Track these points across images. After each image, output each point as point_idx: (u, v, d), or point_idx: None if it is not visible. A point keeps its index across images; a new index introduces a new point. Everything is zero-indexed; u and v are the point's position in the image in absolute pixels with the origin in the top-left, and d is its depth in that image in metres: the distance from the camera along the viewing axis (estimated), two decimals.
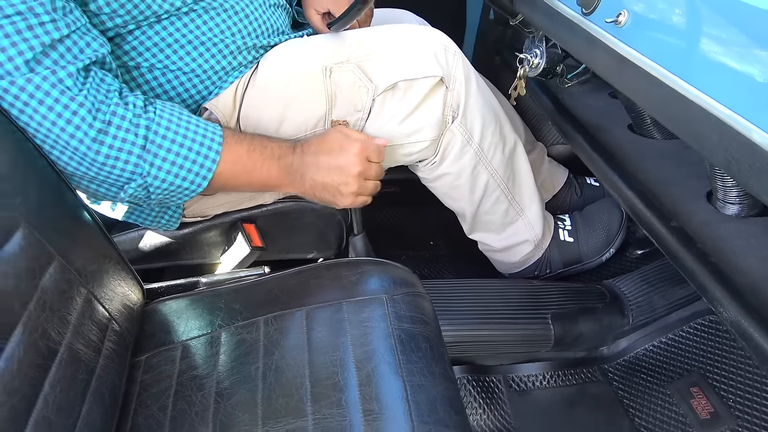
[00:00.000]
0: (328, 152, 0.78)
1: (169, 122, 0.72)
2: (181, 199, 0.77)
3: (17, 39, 0.60)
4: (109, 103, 0.67)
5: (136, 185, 0.71)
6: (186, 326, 0.75)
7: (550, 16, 0.81)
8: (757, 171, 0.48)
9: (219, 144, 0.75)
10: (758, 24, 0.50)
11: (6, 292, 0.54)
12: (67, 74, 0.64)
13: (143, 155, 0.69)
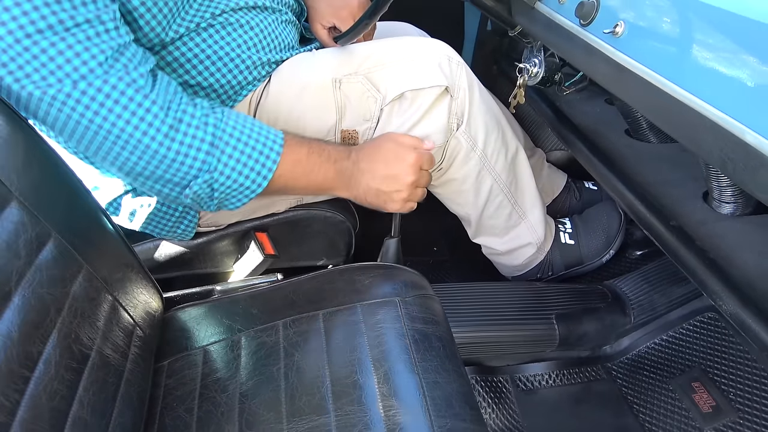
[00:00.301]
0: (385, 161, 0.81)
1: (236, 122, 0.75)
2: (240, 200, 0.78)
3: (89, 44, 0.63)
4: (179, 101, 0.71)
5: (202, 181, 0.73)
6: (206, 332, 0.78)
7: (549, 27, 0.85)
8: (751, 169, 0.51)
9: (280, 145, 0.77)
10: (746, 32, 0.53)
11: (42, 299, 0.57)
12: (139, 74, 0.67)
13: (211, 151, 0.72)
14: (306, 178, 0.81)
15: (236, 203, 0.79)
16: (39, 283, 0.57)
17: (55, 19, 0.62)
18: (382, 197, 0.83)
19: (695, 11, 0.60)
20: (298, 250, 1.03)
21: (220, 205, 0.78)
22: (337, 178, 0.83)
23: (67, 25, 0.63)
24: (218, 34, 0.83)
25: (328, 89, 0.87)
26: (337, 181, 0.83)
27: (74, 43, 0.63)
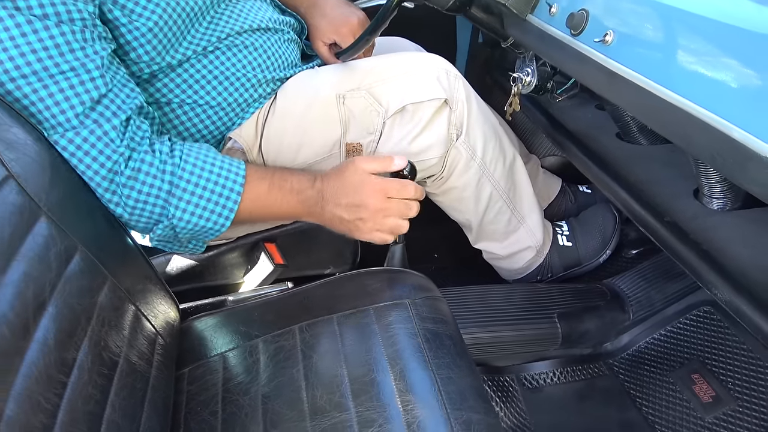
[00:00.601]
0: (347, 189, 0.80)
1: (194, 166, 0.77)
2: (208, 237, 0.81)
3: (70, 94, 0.67)
4: (140, 150, 0.73)
5: (164, 226, 0.76)
6: (223, 339, 0.81)
7: (541, 38, 0.90)
8: (740, 163, 0.55)
9: (241, 185, 0.79)
10: (726, 36, 0.58)
11: (73, 309, 0.59)
12: (111, 127, 0.70)
13: (169, 199, 0.75)
14: (269, 211, 0.82)
15: (204, 239, 0.82)
16: (69, 294, 0.60)
17: (40, 66, 0.65)
18: (346, 225, 0.82)
19: (678, 19, 0.64)
20: (306, 259, 1.06)
21: (188, 243, 0.82)
22: (300, 208, 0.82)
23: (52, 72, 0.66)
24: (224, 55, 0.87)
25: (333, 104, 0.91)
26: (301, 211, 0.83)
27: (56, 92, 0.66)
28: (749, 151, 0.54)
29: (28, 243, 0.58)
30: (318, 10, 1.05)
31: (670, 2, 0.66)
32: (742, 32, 0.56)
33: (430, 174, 1.00)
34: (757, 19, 0.55)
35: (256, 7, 0.93)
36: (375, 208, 0.79)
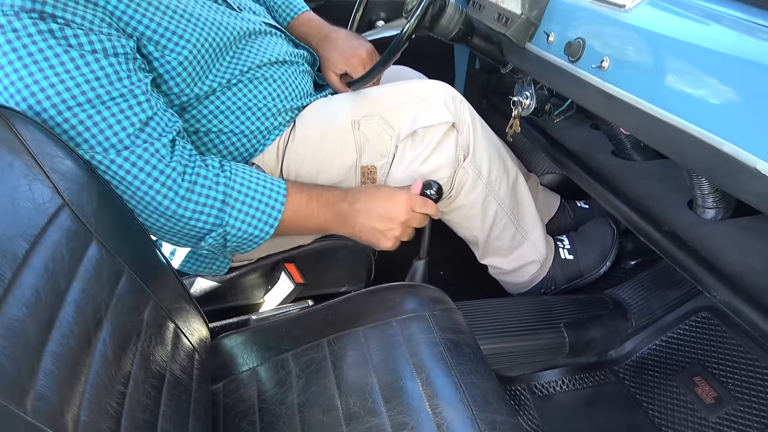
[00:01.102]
0: (380, 202, 0.90)
1: (243, 179, 0.84)
2: (251, 246, 0.87)
3: (122, 117, 0.72)
4: (193, 165, 0.79)
5: (216, 235, 0.81)
6: (254, 354, 0.85)
7: (541, 64, 0.97)
8: (730, 174, 0.62)
9: (284, 196, 0.86)
10: (710, 60, 0.65)
11: (125, 325, 0.64)
12: (161, 144, 0.75)
13: (223, 208, 0.80)
14: (307, 222, 0.90)
15: (247, 249, 0.87)
16: (121, 311, 0.64)
17: (93, 94, 0.71)
18: (376, 235, 0.91)
19: (667, 45, 0.71)
20: (323, 278, 1.11)
21: (233, 251, 0.87)
22: (334, 220, 0.91)
23: (104, 99, 0.71)
24: (246, 87, 0.93)
25: (348, 130, 0.97)
26: (335, 222, 0.91)
27: (108, 116, 0.72)
28: (738, 162, 0.61)
29: (83, 265, 0.62)
30: (329, 43, 1.11)
31: (659, 30, 0.74)
32: (725, 57, 0.63)
33: None
34: (738, 45, 0.62)
35: (273, 42, 1.00)
36: (404, 219, 0.89)
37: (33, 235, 0.57)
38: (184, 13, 0.82)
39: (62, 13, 0.69)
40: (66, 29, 0.69)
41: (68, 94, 0.69)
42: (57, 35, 0.69)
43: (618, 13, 0.81)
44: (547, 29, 0.96)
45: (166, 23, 0.79)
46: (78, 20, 0.70)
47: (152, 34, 0.78)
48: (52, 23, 0.68)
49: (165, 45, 0.80)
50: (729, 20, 0.66)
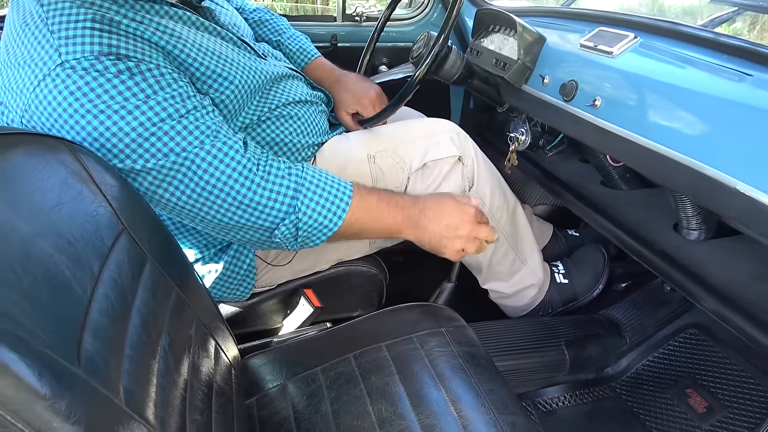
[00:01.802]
0: (449, 211, 0.96)
1: (314, 173, 0.91)
2: (320, 238, 0.91)
3: (199, 123, 0.80)
4: (266, 158, 0.86)
5: (288, 222, 0.87)
6: (283, 371, 0.90)
7: (537, 104, 1.08)
8: (713, 194, 0.71)
9: (351, 189, 0.92)
10: (689, 97, 0.75)
11: (180, 338, 0.70)
12: (236, 140, 0.83)
13: (296, 195, 0.87)
14: (378, 222, 0.96)
15: (316, 241, 0.92)
16: (175, 326, 0.71)
17: (173, 109, 0.78)
18: (443, 242, 0.97)
19: (650, 86, 0.82)
20: (338, 303, 1.17)
21: (302, 243, 0.92)
22: (405, 223, 0.97)
23: (181, 113, 0.79)
24: (274, 124, 1.02)
25: (365, 163, 1.06)
26: (405, 225, 0.97)
27: (187, 124, 0.79)
28: (720, 184, 0.70)
29: (142, 282, 0.69)
30: (341, 85, 1.22)
31: (643, 73, 0.85)
32: (700, 94, 0.74)
33: None
34: (709, 84, 0.74)
35: (295, 84, 1.09)
36: (469, 229, 0.96)
37: (103, 255, 0.64)
38: (227, 58, 0.91)
39: (134, 54, 0.77)
40: (141, 65, 0.77)
41: (153, 112, 0.76)
42: (134, 71, 0.76)
43: (606, 58, 0.93)
44: (542, 72, 1.07)
45: (213, 66, 0.88)
46: (147, 59, 0.78)
47: (200, 75, 0.86)
48: (128, 62, 0.76)
49: (211, 84, 0.89)
50: (701, 63, 0.77)
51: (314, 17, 2.69)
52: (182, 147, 0.79)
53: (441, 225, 0.96)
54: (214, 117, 0.83)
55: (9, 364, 0.40)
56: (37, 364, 0.41)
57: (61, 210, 0.62)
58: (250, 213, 0.85)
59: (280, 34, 1.31)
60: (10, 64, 0.81)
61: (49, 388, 0.41)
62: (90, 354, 0.51)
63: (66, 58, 0.74)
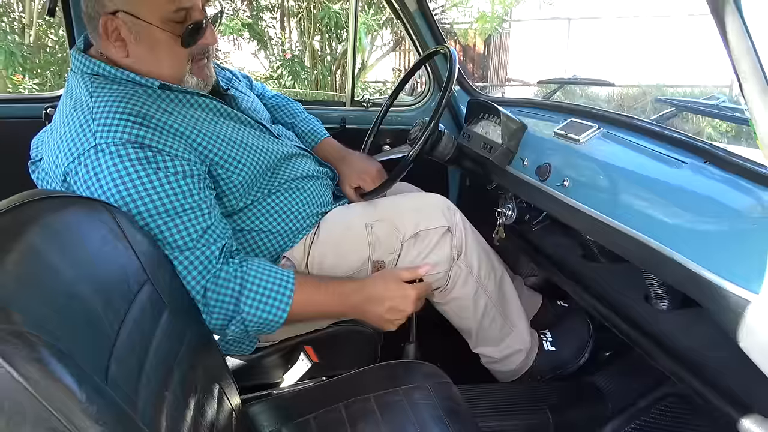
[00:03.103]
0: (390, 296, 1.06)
1: (256, 272, 1.01)
2: (271, 329, 1.03)
3: (189, 225, 0.94)
4: (220, 263, 0.98)
5: (236, 322, 0.98)
6: (279, 419, 0.98)
7: (518, 183, 1.21)
8: (657, 263, 0.82)
9: (293, 284, 1.03)
10: (639, 181, 0.87)
11: (190, 379, 0.80)
12: (214, 249, 0.97)
13: (240, 297, 0.98)
14: (320, 309, 1.08)
15: (268, 331, 1.03)
16: (185, 368, 0.81)
17: (170, 206, 0.93)
18: (385, 323, 1.09)
19: (609, 170, 0.95)
20: (335, 360, 1.25)
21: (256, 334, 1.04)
22: (346, 310, 1.08)
23: (178, 211, 0.94)
24: (282, 196, 1.16)
25: (363, 231, 1.18)
26: (347, 311, 1.09)
27: (179, 223, 0.94)
28: (660, 254, 0.81)
29: (160, 326, 0.80)
30: (346, 162, 1.37)
31: (603, 158, 0.98)
32: (648, 178, 0.86)
33: (437, 286, 1.25)
34: (656, 169, 0.86)
35: (303, 161, 1.24)
36: (410, 310, 1.07)
37: (129, 300, 0.76)
38: (244, 144, 1.08)
39: (156, 144, 0.93)
40: (158, 156, 0.93)
41: (153, 205, 0.92)
42: (150, 161, 0.92)
43: (574, 144, 1.07)
44: (523, 155, 1.22)
45: (230, 151, 1.04)
46: (167, 149, 0.94)
47: (220, 161, 1.02)
48: (148, 151, 0.92)
49: (228, 168, 1.04)
50: (649, 152, 0.90)
51: (326, 102, 2.93)
52: (168, 241, 0.94)
53: (383, 308, 1.06)
54: (205, 220, 0.97)
55: (57, 373, 0.50)
56: (76, 376, 0.52)
57: (98, 260, 0.74)
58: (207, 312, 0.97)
59: (294, 117, 1.48)
60: (55, 138, 0.99)
61: (84, 395, 0.51)
62: (114, 377, 0.61)
63: (99, 141, 0.91)
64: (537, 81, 7.88)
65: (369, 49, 6.32)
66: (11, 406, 0.48)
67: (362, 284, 1.08)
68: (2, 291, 0.55)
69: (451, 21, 6.95)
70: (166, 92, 1.05)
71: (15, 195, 0.70)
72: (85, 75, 1.03)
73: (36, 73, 5.09)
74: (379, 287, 1.07)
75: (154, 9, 0.99)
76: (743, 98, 0.53)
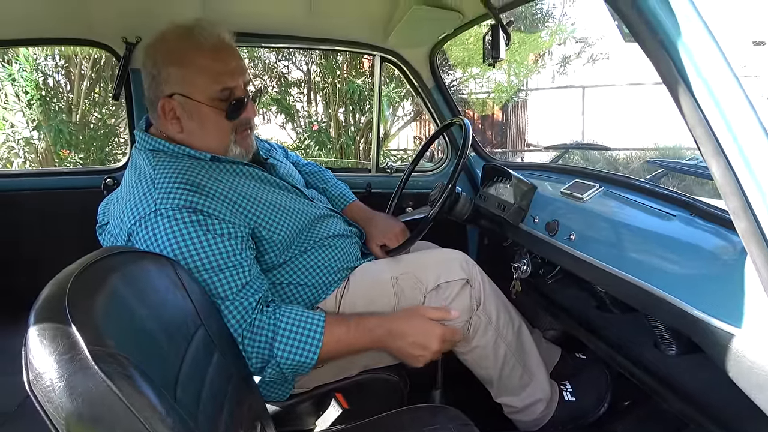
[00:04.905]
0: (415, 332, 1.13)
1: (288, 318, 1.12)
2: (304, 370, 1.12)
3: (231, 280, 1.07)
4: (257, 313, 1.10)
5: (272, 365, 1.09)
6: None
7: (531, 239, 1.32)
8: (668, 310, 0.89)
9: (322, 327, 1.13)
10: (635, 233, 0.98)
11: (236, 414, 0.90)
12: (252, 300, 1.09)
13: (273, 343, 1.08)
14: (349, 348, 1.16)
15: (303, 371, 1.12)
16: (233, 402, 0.91)
17: (216, 263, 1.07)
18: (408, 358, 1.15)
19: (607, 223, 1.06)
20: (364, 407, 1.33)
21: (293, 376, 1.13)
22: (372, 344, 1.16)
23: (222, 268, 1.07)
24: (316, 252, 1.29)
25: (389, 284, 1.29)
26: (373, 345, 1.16)
27: (222, 278, 1.07)
28: (658, 299, 0.90)
29: (212, 366, 0.91)
30: (372, 223, 1.50)
31: (604, 214, 1.09)
32: (644, 230, 0.97)
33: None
34: (650, 222, 0.96)
35: (334, 222, 1.38)
36: (436, 349, 1.14)
37: (188, 340, 0.88)
38: (283, 207, 1.23)
39: (207, 209, 1.08)
40: (207, 219, 1.08)
41: (201, 262, 1.06)
42: (202, 223, 1.07)
43: (579, 203, 1.18)
44: (534, 213, 1.33)
45: (272, 215, 1.19)
46: (216, 213, 1.09)
47: (262, 222, 1.17)
48: (200, 215, 1.07)
49: (269, 228, 1.19)
50: (642, 206, 1.01)
51: (353, 169, 3.13)
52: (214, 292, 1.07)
53: (406, 342, 1.14)
54: (245, 275, 1.09)
55: (143, 388, 0.62)
56: (156, 392, 0.63)
57: (165, 304, 0.87)
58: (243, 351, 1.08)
59: (326, 183, 1.64)
60: (121, 204, 1.15)
61: (163, 409, 0.62)
62: (180, 398, 0.72)
63: (159, 206, 1.07)
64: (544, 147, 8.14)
65: (391, 119, 6.64)
66: (109, 416, 0.59)
67: (386, 319, 1.17)
68: (96, 321, 0.67)
69: (469, 91, 7.28)
70: (216, 163, 1.21)
71: (96, 251, 0.84)
72: (147, 151, 1.20)
73: (81, 149, 5.46)
74: (402, 322, 1.16)
75: (203, 90, 1.18)
76: (702, 158, 0.64)
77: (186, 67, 1.16)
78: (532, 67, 7.20)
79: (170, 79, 1.17)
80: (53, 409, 0.58)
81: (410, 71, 1.93)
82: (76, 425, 0.58)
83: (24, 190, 1.83)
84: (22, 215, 1.82)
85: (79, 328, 0.62)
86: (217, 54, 1.18)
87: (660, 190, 1.02)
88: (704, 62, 0.62)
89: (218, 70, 1.18)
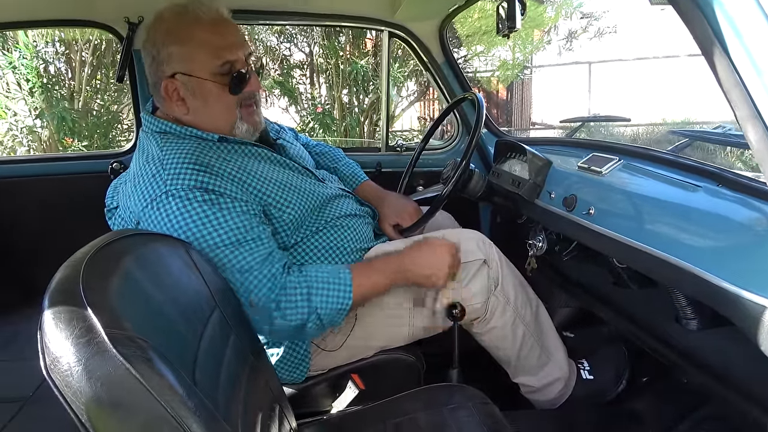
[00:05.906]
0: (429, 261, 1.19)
1: (316, 273, 1.12)
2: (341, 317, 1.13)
3: (254, 251, 1.05)
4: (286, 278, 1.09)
5: (313, 318, 1.08)
6: None
7: (547, 215, 1.29)
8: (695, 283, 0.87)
9: (348, 271, 1.14)
10: (659, 205, 0.95)
11: (254, 393, 0.88)
12: (277, 268, 1.07)
13: (310, 297, 1.08)
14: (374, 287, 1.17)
15: (340, 320, 1.13)
16: (251, 382, 0.90)
17: (234, 238, 1.05)
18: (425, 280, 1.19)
19: (631, 197, 1.03)
20: (380, 387, 1.32)
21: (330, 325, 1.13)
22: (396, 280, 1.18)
23: (240, 241, 1.06)
24: (328, 233, 1.27)
25: None
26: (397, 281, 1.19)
27: (245, 252, 1.06)
28: (682, 270, 0.88)
29: (229, 347, 0.89)
30: (385, 202, 1.48)
31: (625, 187, 1.06)
32: (667, 203, 0.94)
33: (476, 316, 1.32)
34: (673, 194, 0.94)
35: (346, 202, 1.36)
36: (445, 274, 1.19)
37: (203, 322, 0.86)
38: (293, 187, 1.20)
39: (218, 188, 1.06)
40: (220, 198, 1.06)
41: (220, 239, 1.04)
42: (214, 202, 1.05)
43: (597, 177, 1.15)
44: (549, 189, 1.30)
45: (281, 194, 1.17)
46: (228, 192, 1.07)
47: (273, 201, 1.15)
48: (212, 194, 1.05)
49: (280, 208, 1.16)
50: (665, 179, 0.98)
51: (363, 149, 3.10)
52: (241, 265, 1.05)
53: (423, 273, 1.19)
54: (267, 246, 1.09)
55: (162, 371, 0.60)
56: (176, 375, 0.62)
57: (179, 286, 0.85)
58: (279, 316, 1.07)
59: (336, 162, 1.61)
60: (129, 187, 1.14)
61: (184, 392, 0.61)
62: (199, 380, 0.71)
63: (169, 188, 1.05)
64: (559, 120, 8.03)
65: (396, 99, 6.57)
66: (130, 400, 0.58)
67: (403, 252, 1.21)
68: (112, 304, 0.65)
69: (474, 70, 7.19)
70: (224, 144, 1.18)
71: (107, 233, 0.82)
72: (155, 133, 1.18)
73: (84, 136, 5.44)
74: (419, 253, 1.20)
75: (205, 65, 1.15)
76: (738, 124, 0.62)
77: (185, 44, 1.14)
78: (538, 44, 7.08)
79: (171, 58, 1.15)
80: (72, 394, 0.56)
81: (419, 46, 1.88)
82: (96, 410, 0.56)
83: (31, 175, 1.82)
84: (30, 201, 1.82)
85: (96, 311, 0.61)
86: (216, 28, 1.15)
87: (683, 161, 0.99)
88: (743, 21, 0.59)
89: (218, 44, 1.15)
